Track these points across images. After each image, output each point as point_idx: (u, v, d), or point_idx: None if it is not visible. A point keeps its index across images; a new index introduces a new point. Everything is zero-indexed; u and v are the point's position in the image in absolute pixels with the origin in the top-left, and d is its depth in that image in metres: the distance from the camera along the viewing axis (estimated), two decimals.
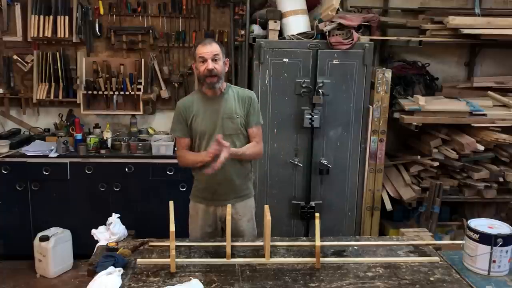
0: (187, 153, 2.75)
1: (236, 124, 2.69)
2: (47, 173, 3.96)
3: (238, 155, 2.66)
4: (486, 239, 2.16)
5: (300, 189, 3.76)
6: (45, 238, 3.81)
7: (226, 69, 2.71)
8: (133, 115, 4.38)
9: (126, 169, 4.01)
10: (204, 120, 2.68)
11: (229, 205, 2.32)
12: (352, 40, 3.54)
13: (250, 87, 3.67)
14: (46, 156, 3.96)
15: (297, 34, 3.62)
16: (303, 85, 3.58)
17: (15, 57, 4.25)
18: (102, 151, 4.07)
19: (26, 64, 4.26)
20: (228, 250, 2.29)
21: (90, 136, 4.16)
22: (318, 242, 2.23)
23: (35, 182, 3.97)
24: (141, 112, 4.33)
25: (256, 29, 3.69)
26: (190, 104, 2.71)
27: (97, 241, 2.48)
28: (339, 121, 3.69)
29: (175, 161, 2.96)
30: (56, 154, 3.97)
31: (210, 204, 2.75)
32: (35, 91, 4.26)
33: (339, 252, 2.42)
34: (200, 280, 2.04)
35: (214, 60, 2.59)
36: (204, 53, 2.59)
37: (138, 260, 2.27)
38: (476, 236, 2.19)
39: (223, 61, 2.65)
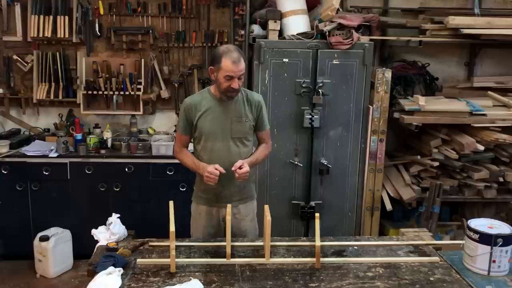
0: (186, 154, 2.76)
1: (244, 127, 2.69)
2: (47, 173, 3.96)
3: (253, 163, 2.70)
4: (486, 239, 2.16)
5: (300, 189, 3.76)
6: (45, 238, 3.81)
7: None
8: (133, 115, 4.38)
9: (126, 169, 4.01)
10: (212, 121, 2.66)
11: (229, 205, 2.32)
12: (352, 40, 3.54)
13: (250, 87, 3.67)
14: (46, 156, 3.96)
15: (297, 34, 3.61)
16: (303, 85, 3.58)
17: (15, 57, 4.25)
18: (102, 151, 4.07)
19: (26, 64, 4.26)
20: (228, 250, 2.29)
21: (90, 136, 4.17)
22: (318, 242, 2.23)
23: (35, 182, 3.97)
24: (141, 112, 4.33)
25: (256, 29, 3.69)
26: (197, 103, 2.69)
27: (97, 241, 2.48)
28: (339, 121, 3.69)
29: (175, 161, 2.96)
30: (56, 154, 3.98)
31: (213, 206, 2.74)
32: (35, 91, 4.26)
33: (339, 252, 2.42)
34: (200, 280, 2.04)
35: (239, 78, 2.56)
36: (234, 72, 2.52)
37: (138, 260, 2.27)
38: (476, 236, 2.19)
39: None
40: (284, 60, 3.56)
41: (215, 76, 2.61)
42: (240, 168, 2.55)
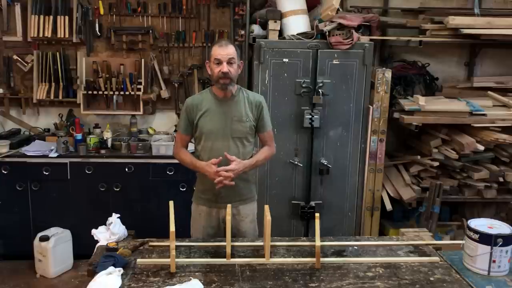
0: (185, 153, 2.77)
1: (245, 128, 2.70)
2: (47, 173, 3.96)
3: (252, 165, 2.70)
4: (486, 239, 2.16)
5: (300, 189, 3.76)
6: (45, 238, 3.81)
7: (239, 71, 2.71)
8: (133, 115, 4.38)
9: (126, 169, 4.01)
10: (212, 120, 2.68)
11: (229, 205, 2.32)
12: (352, 40, 3.54)
13: (250, 87, 3.67)
14: (46, 156, 3.96)
15: (297, 34, 3.62)
16: (303, 85, 3.58)
17: (15, 57, 4.25)
18: (102, 151, 4.07)
19: (26, 64, 4.26)
20: (228, 250, 2.29)
21: (90, 136, 4.17)
22: (318, 242, 2.23)
23: (35, 182, 3.97)
24: (141, 112, 4.32)
25: (256, 29, 3.69)
26: (198, 103, 2.71)
27: (97, 241, 2.48)
28: (339, 121, 3.69)
29: (175, 161, 2.96)
30: (56, 154, 3.97)
31: (213, 207, 2.74)
32: (35, 91, 4.26)
33: (339, 252, 2.42)
34: (200, 280, 2.04)
35: (229, 63, 2.59)
36: (220, 55, 2.58)
37: (138, 260, 2.27)
38: (476, 236, 2.19)
39: (237, 63, 2.66)
40: (284, 60, 3.57)
41: (210, 68, 2.67)
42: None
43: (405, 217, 4.12)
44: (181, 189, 3.98)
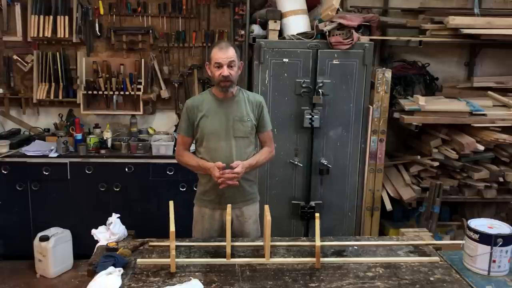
0: (190, 155, 2.76)
1: (246, 127, 2.70)
2: (47, 173, 3.96)
3: (253, 166, 2.70)
4: (486, 239, 2.16)
5: (300, 189, 3.76)
6: (45, 238, 3.81)
7: (240, 72, 2.71)
8: (133, 115, 4.38)
9: (126, 169, 4.01)
10: (213, 121, 2.68)
11: (229, 205, 2.32)
12: (352, 40, 3.54)
13: (250, 87, 3.68)
14: (46, 156, 3.96)
15: (297, 34, 3.62)
16: (303, 85, 3.58)
17: (15, 57, 4.25)
18: (102, 151, 4.07)
19: (26, 64, 4.26)
20: (228, 250, 2.29)
21: (90, 136, 4.17)
22: (318, 242, 2.24)
23: (35, 182, 3.97)
24: (141, 112, 4.32)
25: (256, 29, 3.69)
26: (199, 104, 2.71)
27: (97, 241, 2.48)
28: (339, 121, 3.69)
29: (175, 161, 2.96)
30: (56, 154, 3.98)
31: (216, 208, 2.73)
32: (35, 91, 4.26)
33: (339, 252, 2.43)
34: (200, 280, 2.04)
35: (229, 66, 2.59)
36: (221, 59, 2.58)
37: (138, 260, 2.27)
38: (476, 236, 2.19)
39: (238, 65, 2.65)
40: (284, 60, 3.57)
41: (210, 70, 2.67)
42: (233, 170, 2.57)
43: (405, 217, 4.13)
44: (181, 189, 3.98)
